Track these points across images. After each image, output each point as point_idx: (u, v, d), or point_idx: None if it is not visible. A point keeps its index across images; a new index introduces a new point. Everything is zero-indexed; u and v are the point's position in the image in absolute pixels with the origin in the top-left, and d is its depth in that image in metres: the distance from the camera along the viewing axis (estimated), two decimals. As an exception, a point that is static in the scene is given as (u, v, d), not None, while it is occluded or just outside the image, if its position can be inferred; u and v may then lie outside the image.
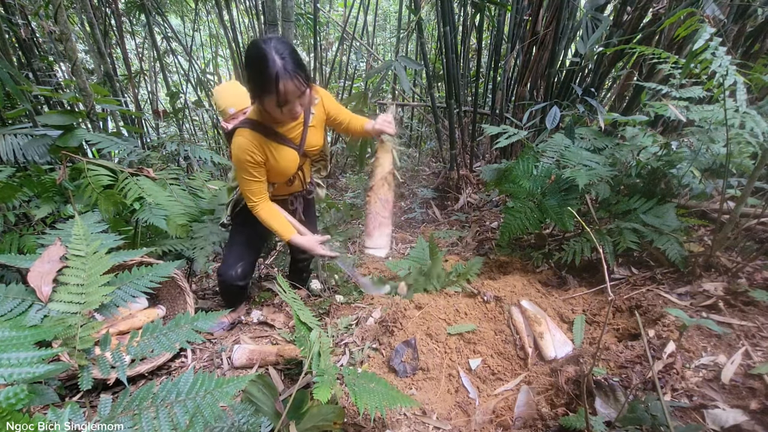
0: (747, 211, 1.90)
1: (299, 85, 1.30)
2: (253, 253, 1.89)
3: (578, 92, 2.64)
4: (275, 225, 1.60)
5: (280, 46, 1.26)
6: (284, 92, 1.28)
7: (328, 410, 1.13)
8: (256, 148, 1.48)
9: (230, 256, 1.79)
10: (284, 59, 1.25)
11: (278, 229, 1.61)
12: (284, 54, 1.25)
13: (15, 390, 0.60)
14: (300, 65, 1.30)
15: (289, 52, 1.27)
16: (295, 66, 1.27)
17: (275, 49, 1.24)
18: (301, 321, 1.23)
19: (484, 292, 1.76)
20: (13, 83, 1.74)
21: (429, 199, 3.70)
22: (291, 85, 1.28)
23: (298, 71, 1.28)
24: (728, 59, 1.35)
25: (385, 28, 7.26)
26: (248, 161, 1.48)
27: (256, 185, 1.55)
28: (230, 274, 1.76)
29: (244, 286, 1.86)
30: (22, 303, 0.97)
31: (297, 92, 1.31)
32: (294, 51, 1.30)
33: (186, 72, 5.15)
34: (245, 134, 1.47)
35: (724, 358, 1.25)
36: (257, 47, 1.27)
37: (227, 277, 1.77)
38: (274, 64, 1.24)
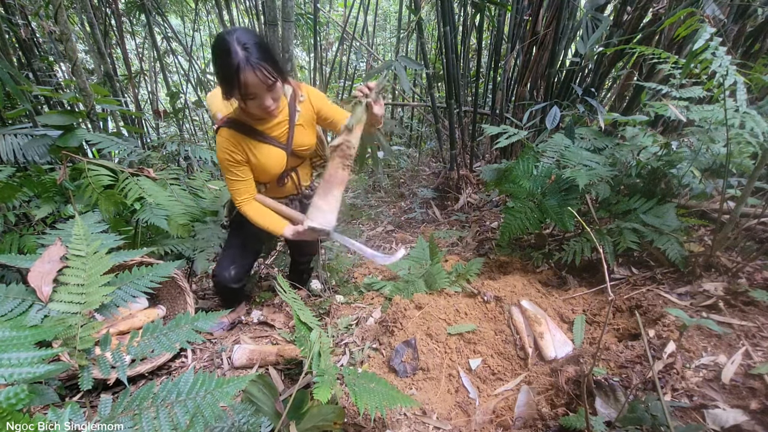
0: (747, 211, 1.90)
1: (264, 78, 1.24)
2: (249, 256, 1.88)
3: (578, 92, 2.64)
4: (263, 222, 1.56)
5: (244, 36, 1.21)
6: (245, 84, 1.22)
7: (328, 410, 1.13)
8: (235, 147, 1.45)
9: (224, 259, 1.79)
10: (247, 50, 1.19)
11: (268, 226, 1.55)
12: (247, 44, 1.20)
13: (15, 390, 0.60)
14: (266, 56, 1.24)
15: (253, 42, 1.21)
16: (259, 57, 1.21)
17: (237, 40, 1.19)
18: (301, 321, 1.23)
19: (484, 292, 1.76)
20: (14, 83, 1.74)
21: (429, 199, 3.70)
22: (253, 76, 1.21)
23: (261, 63, 1.22)
24: (728, 59, 1.35)
25: (385, 28, 7.27)
26: (228, 160, 1.46)
27: (240, 184, 1.52)
28: (224, 276, 1.76)
29: (238, 288, 1.86)
30: (23, 303, 0.97)
31: (261, 85, 1.25)
32: (260, 42, 1.24)
33: (186, 72, 5.15)
34: (224, 133, 1.45)
35: (724, 358, 1.25)
36: (220, 39, 1.22)
37: (221, 279, 1.77)
38: (236, 55, 1.18)
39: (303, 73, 6.73)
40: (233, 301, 1.94)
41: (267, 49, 1.26)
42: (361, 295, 2.06)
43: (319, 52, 5.22)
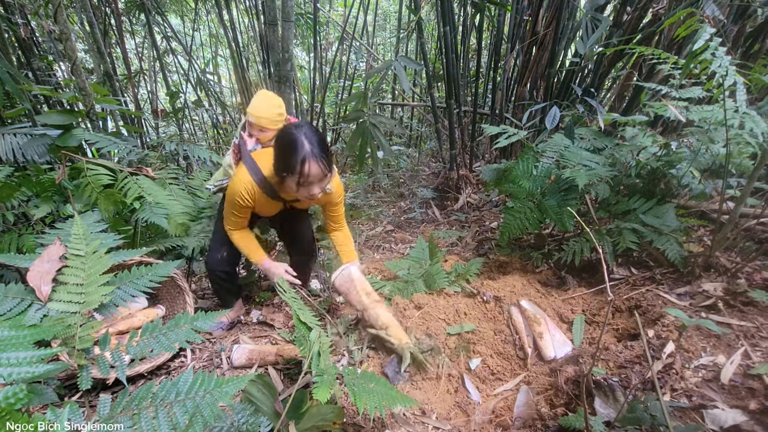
0: (746, 212, 1.90)
1: (323, 169, 1.39)
2: None
3: (578, 92, 2.64)
4: (246, 250, 1.72)
5: (310, 132, 1.37)
6: (308, 173, 1.36)
7: (327, 410, 1.13)
8: (251, 198, 1.56)
9: (215, 242, 1.82)
10: (312, 144, 1.35)
11: (249, 254, 1.72)
12: (313, 140, 1.36)
13: (14, 390, 0.60)
14: (325, 151, 1.39)
15: (317, 139, 1.38)
16: (321, 150, 1.37)
17: (305, 135, 1.35)
18: (301, 321, 1.23)
19: (484, 292, 1.76)
20: (13, 82, 1.73)
21: (429, 199, 3.70)
22: (315, 167, 1.36)
23: (323, 155, 1.38)
24: (728, 59, 1.35)
25: (385, 28, 7.27)
26: (238, 203, 1.57)
27: (237, 219, 1.66)
28: (215, 258, 1.78)
29: (231, 272, 1.87)
30: (22, 302, 0.97)
31: (320, 175, 1.39)
32: (322, 139, 1.41)
33: (186, 72, 5.14)
34: (248, 183, 1.54)
35: (723, 359, 1.25)
36: (289, 132, 1.38)
37: (213, 262, 1.79)
38: (302, 146, 1.34)
39: (303, 73, 6.73)
40: (228, 294, 1.94)
41: (326, 144, 1.42)
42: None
43: (319, 51, 5.22)
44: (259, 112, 1.66)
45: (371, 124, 2.29)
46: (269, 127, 1.67)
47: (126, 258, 1.20)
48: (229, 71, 7.13)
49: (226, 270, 1.82)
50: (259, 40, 4.10)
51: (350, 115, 2.42)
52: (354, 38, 4.85)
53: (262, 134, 1.68)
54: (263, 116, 1.65)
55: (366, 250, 2.98)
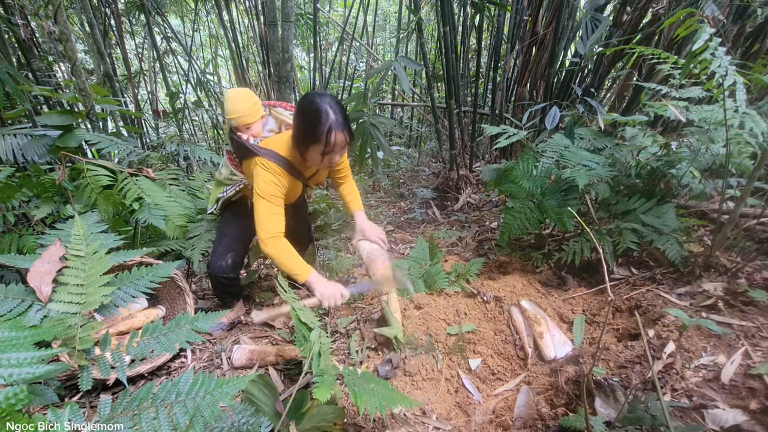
0: (746, 212, 1.90)
1: (347, 137, 1.43)
2: (243, 245, 1.89)
3: (578, 92, 2.64)
4: (291, 264, 1.48)
5: (333, 102, 1.39)
6: (333, 143, 1.39)
7: (327, 410, 1.13)
8: (281, 183, 1.54)
9: (220, 247, 1.79)
10: (336, 114, 1.37)
11: (293, 268, 1.48)
12: (336, 109, 1.38)
13: (15, 390, 0.60)
14: (347, 119, 1.42)
15: (340, 108, 1.40)
16: (344, 120, 1.40)
17: (329, 104, 1.37)
18: (301, 321, 1.23)
19: (484, 292, 1.76)
20: (13, 83, 1.74)
21: (429, 199, 3.70)
22: (341, 136, 1.40)
23: (346, 125, 1.41)
24: (728, 59, 1.35)
25: (384, 28, 7.27)
26: (273, 195, 1.51)
27: (276, 217, 1.50)
28: (220, 265, 1.76)
29: (234, 278, 1.86)
30: (22, 303, 0.97)
31: (343, 143, 1.43)
32: (343, 107, 1.43)
33: (186, 72, 5.15)
34: (276, 169, 1.53)
35: (723, 358, 1.25)
36: (312, 101, 1.38)
37: (216, 269, 1.77)
38: (327, 116, 1.36)
39: (303, 73, 6.73)
40: (229, 296, 1.94)
41: (347, 114, 1.44)
42: (360, 296, 2.06)
43: (319, 52, 5.21)
44: (236, 113, 1.65)
45: (371, 124, 2.30)
46: (252, 120, 1.67)
47: (126, 259, 1.20)
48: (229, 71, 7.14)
49: (229, 276, 1.81)
50: (259, 41, 4.10)
51: (350, 116, 2.42)
52: (354, 38, 4.85)
53: (251, 130, 1.68)
54: (242, 114, 1.65)
55: (366, 251, 2.98)
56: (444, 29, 2.88)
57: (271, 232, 1.48)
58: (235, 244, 1.82)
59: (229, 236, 1.83)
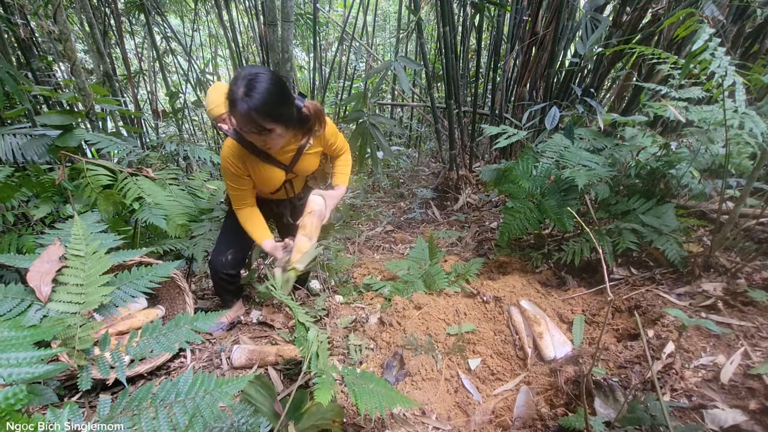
0: (746, 212, 1.91)
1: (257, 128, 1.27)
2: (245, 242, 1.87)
3: (578, 93, 2.64)
4: (250, 228, 1.64)
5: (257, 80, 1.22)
6: (240, 125, 1.29)
7: (327, 409, 1.13)
8: (238, 161, 1.50)
9: (221, 243, 1.79)
10: (250, 96, 1.21)
11: (252, 232, 1.64)
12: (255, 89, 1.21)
13: (14, 390, 0.60)
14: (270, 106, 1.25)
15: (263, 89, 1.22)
16: (260, 105, 1.22)
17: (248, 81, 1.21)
18: (301, 321, 1.23)
19: (484, 292, 1.76)
20: (13, 83, 1.73)
21: (428, 200, 3.70)
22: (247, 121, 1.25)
23: (259, 111, 1.23)
24: (727, 60, 1.35)
25: (384, 29, 7.27)
26: (230, 171, 1.51)
27: (238, 193, 1.59)
28: (220, 261, 1.76)
29: (235, 275, 1.85)
30: (21, 303, 0.97)
31: (254, 128, 1.28)
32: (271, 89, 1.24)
33: (185, 72, 5.14)
34: (230, 145, 1.49)
35: (723, 359, 1.25)
36: (238, 73, 1.25)
37: (217, 264, 1.77)
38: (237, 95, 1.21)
39: (303, 73, 6.73)
40: (229, 294, 1.93)
41: (274, 98, 1.25)
42: (360, 296, 2.06)
43: (319, 52, 5.21)
44: (210, 104, 1.63)
45: (371, 124, 2.30)
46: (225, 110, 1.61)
47: (126, 258, 1.20)
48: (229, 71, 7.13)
49: (229, 273, 1.80)
50: (258, 41, 4.10)
51: (350, 116, 2.42)
52: (354, 38, 4.85)
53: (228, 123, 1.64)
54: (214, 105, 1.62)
55: (366, 250, 2.98)
56: (444, 29, 2.88)
57: (239, 204, 1.64)
58: (237, 241, 1.81)
59: (232, 232, 1.81)
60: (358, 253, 2.85)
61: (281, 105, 1.30)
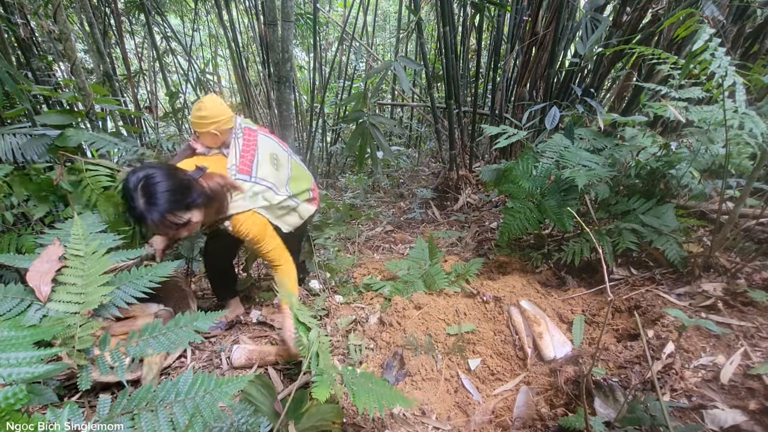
0: (746, 212, 1.91)
1: (166, 229, 1.28)
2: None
3: (578, 93, 2.64)
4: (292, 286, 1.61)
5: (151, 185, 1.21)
6: (160, 232, 1.33)
7: (326, 409, 1.13)
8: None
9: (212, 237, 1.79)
10: (151, 202, 1.20)
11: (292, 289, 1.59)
12: (152, 193, 1.20)
13: (14, 390, 0.60)
14: (171, 207, 1.23)
15: (161, 190, 1.21)
16: (163, 209, 1.22)
17: (143, 187, 1.20)
18: (300, 321, 1.23)
19: (484, 292, 1.76)
20: (13, 82, 1.73)
21: (428, 200, 3.70)
22: (167, 227, 1.26)
23: (166, 216, 1.23)
24: (727, 60, 1.35)
25: (384, 29, 7.27)
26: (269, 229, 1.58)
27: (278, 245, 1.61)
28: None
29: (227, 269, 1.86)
30: (21, 303, 0.97)
31: (173, 229, 1.29)
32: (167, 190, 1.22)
33: (185, 72, 5.14)
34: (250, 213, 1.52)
35: (723, 359, 1.25)
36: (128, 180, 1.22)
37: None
38: (136, 206, 1.21)
39: (303, 73, 6.73)
40: (224, 288, 1.94)
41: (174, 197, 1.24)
42: (360, 296, 2.06)
43: (319, 52, 5.21)
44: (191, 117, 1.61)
45: (371, 124, 2.29)
46: (197, 129, 1.59)
47: (126, 258, 1.20)
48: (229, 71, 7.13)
49: (223, 266, 1.82)
50: (258, 40, 4.10)
51: (350, 116, 2.42)
52: (354, 38, 4.85)
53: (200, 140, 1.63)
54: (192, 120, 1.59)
55: (366, 250, 2.98)
56: (444, 29, 2.88)
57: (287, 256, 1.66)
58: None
59: None
60: (358, 253, 2.84)
61: (186, 195, 1.28)
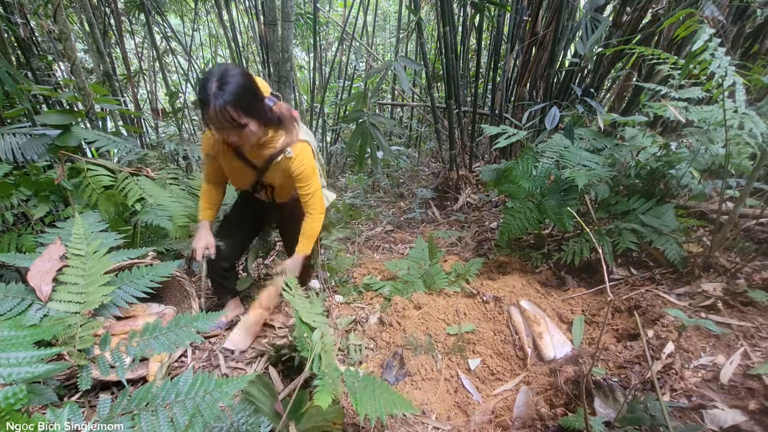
0: (746, 212, 1.91)
1: (228, 120, 1.26)
2: (242, 236, 1.90)
3: (577, 93, 2.64)
4: (200, 202, 1.74)
5: (227, 75, 1.24)
6: (209, 118, 1.27)
7: (327, 410, 1.13)
8: (210, 145, 1.58)
9: (218, 234, 1.80)
10: (221, 90, 1.23)
11: (200, 206, 1.75)
12: (224, 85, 1.23)
13: (14, 390, 0.60)
14: (239, 101, 1.25)
15: (234, 84, 1.24)
16: (229, 100, 1.23)
17: (219, 77, 1.23)
18: (303, 321, 1.23)
19: (484, 292, 1.76)
20: (13, 82, 1.73)
21: (428, 200, 3.70)
22: (215, 117, 1.25)
23: (228, 106, 1.24)
24: (727, 60, 1.35)
25: (384, 28, 7.27)
26: (204, 146, 1.61)
27: (208, 169, 1.68)
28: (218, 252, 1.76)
29: (228, 269, 1.86)
30: (22, 302, 0.97)
31: (225, 124, 1.28)
32: (241, 86, 1.26)
33: (185, 72, 5.14)
34: (207, 132, 1.55)
35: (722, 359, 1.25)
36: (209, 70, 1.30)
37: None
38: (207, 89, 1.23)
39: (303, 73, 6.73)
40: (224, 290, 1.94)
41: (247, 93, 1.29)
42: (360, 295, 2.06)
43: (319, 52, 5.21)
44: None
45: (371, 124, 2.29)
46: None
47: (128, 258, 1.20)
48: (228, 71, 7.10)
49: (223, 265, 1.81)
50: (258, 40, 4.10)
51: (350, 116, 2.42)
52: (354, 38, 4.85)
53: None
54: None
55: (366, 250, 2.98)
56: (444, 29, 2.87)
57: (204, 178, 1.71)
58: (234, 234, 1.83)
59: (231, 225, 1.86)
60: (358, 253, 2.85)
61: (253, 100, 1.34)
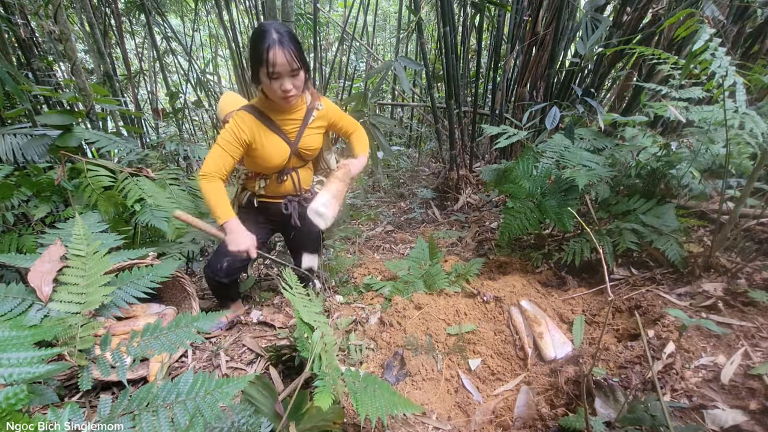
0: (746, 212, 1.91)
1: (290, 60, 1.37)
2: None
3: (578, 93, 2.64)
4: (215, 202, 1.52)
5: (281, 26, 1.39)
6: (274, 62, 1.35)
7: (328, 411, 1.13)
8: (246, 126, 1.54)
9: (219, 251, 1.78)
10: (280, 34, 1.36)
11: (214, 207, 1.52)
12: (281, 31, 1.37)
13: (15, 390, 0.60)
14: (295, 43, 1.39)
15: (286, 30, 1.39)
16: (289, 41, 1.37)
17: (274, 27, 1.38)
18: (304, 321, 1.22)
19: (484, 292, 1.76)
20: (13, 83, 1.73)
21: (429, 200, 3.70)
22: (281, 55, 1.35)
23: (291, 46, 1.37)
24: (728, 60, 1.35)
25: (385, 29, 7.27)
26: (233, 131, 1.53)
27: (221, 158, 1.52)
28: (215, 267, 1.75)
29: (227, 284, 1.83)
30: (22, 303, 0.97)
31: (287, 65, 1.38)
32: (292, 33, 1.41)
33: (186, 72, 5.14)
34: (241, 113, 1.56)
35: (723, 359, 1.25)
36: (259, 26, 1.41)
37: (211, 270, 1.76)
38: (269, 35, 1.35)
39: (303, 73, 6.72)
40: (224, 297, 1.93)
41: (297, 41, 1.43)
42: (360, 296, 2.06)
43: (319, 52, 5.21)
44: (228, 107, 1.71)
45: (371, 124, 2.30)
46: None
47: (129, 259, 1.20)
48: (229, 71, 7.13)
49: (223, 282, 1.78)
50: (259, 41, 4.09)
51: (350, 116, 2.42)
52: (354, 39, 4.85)
53: None
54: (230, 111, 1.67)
55: (366, 250, 2.98)
56: (444, 29, 2.88)
57: (207, 170, 1.53)
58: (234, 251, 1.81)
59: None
60: (359, 253, 2.84)
61: (304, 56, 1.46)
